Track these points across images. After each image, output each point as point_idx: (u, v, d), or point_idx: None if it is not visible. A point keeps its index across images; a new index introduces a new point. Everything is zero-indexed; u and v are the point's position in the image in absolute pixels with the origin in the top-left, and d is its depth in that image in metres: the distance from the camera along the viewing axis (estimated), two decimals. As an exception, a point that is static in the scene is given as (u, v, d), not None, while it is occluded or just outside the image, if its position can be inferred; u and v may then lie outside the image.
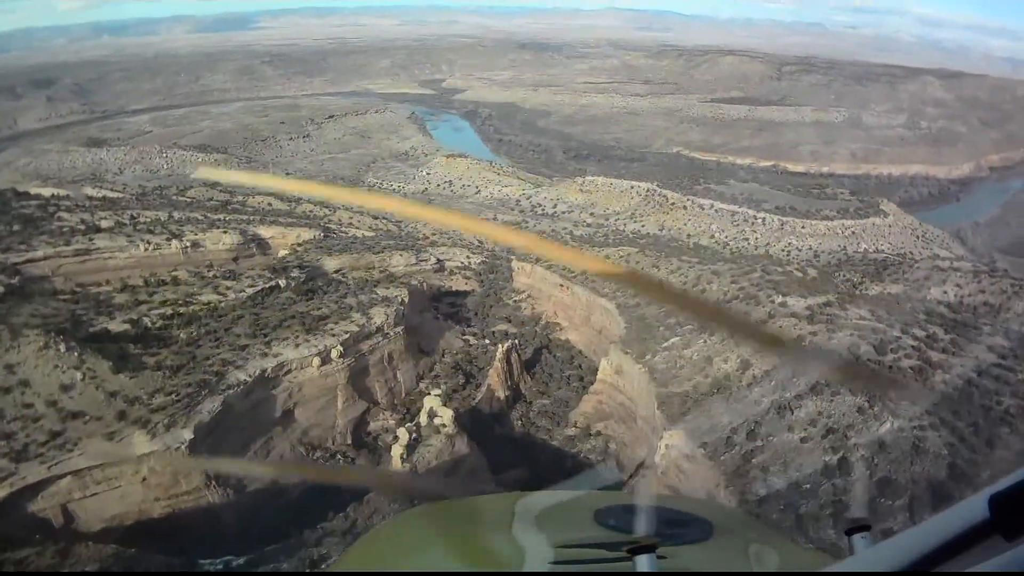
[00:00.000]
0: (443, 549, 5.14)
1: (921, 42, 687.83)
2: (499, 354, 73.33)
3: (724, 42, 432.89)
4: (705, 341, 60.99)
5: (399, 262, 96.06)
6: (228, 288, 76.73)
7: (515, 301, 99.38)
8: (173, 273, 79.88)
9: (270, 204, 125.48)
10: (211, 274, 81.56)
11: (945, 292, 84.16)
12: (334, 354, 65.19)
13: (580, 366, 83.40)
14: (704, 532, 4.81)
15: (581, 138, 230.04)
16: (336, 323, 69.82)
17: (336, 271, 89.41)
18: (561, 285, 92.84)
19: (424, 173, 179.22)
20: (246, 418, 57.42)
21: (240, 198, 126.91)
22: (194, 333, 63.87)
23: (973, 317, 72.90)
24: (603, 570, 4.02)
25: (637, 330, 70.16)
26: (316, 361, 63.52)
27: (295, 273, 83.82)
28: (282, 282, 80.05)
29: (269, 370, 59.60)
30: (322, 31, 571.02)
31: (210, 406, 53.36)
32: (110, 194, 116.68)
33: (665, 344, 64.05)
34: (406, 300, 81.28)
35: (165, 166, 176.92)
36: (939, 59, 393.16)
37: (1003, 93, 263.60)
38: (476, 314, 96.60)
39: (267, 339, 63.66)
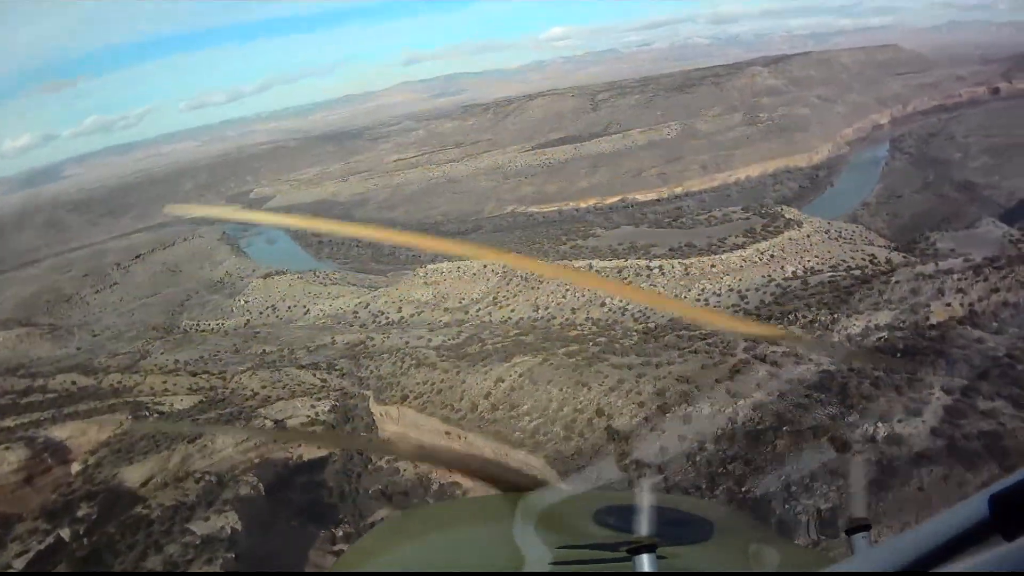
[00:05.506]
0: (443, 549, 4.96)
1: (717, 41, 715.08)
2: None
3: (523, 90, 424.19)
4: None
5: (226, 445, 69.95)
6: (-12, 570, 51.25)
7: (389, 462, 70.28)
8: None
9: (74, 383, 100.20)
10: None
11: (948, 304, 62.44)
12: None
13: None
14: (704, 532, 4.68)
15: (404, 220, 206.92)
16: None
17: (142, 487, 63.02)
18: (447, 432, 63.99)
19: (242, 302, 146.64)
20: None
21: (41, 381, 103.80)
22: None
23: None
24: (603, 570, 3.91)
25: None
26: None
27: (83, 510, 58.77)
28: (65, 532, 55.48)
29: None
30: (127, 168, 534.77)
31: None
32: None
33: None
34: (239, 528, 53.39)
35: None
36: (739, 53, 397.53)
37: (831, 66, 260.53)
38: (343, 495, 66.60)
39: None
